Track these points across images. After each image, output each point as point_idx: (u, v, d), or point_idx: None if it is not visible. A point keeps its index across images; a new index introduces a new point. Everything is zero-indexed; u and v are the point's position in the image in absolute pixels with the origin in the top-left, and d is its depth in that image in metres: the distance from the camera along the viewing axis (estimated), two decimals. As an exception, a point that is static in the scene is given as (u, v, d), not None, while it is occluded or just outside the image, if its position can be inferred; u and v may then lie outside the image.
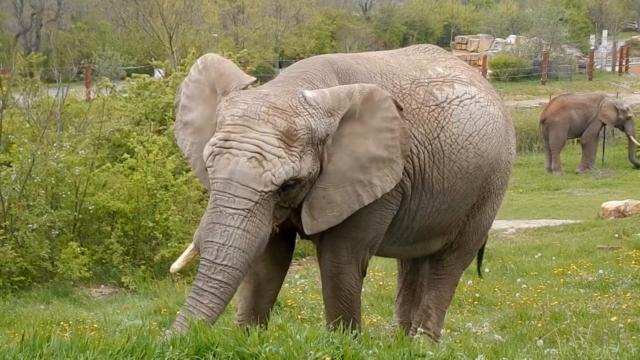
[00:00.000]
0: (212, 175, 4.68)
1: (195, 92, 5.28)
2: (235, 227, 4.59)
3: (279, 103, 4.77)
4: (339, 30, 43.48)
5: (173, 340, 4.04)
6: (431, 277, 6.26)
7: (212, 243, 4.62)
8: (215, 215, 4.63)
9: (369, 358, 3.92)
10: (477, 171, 5.69)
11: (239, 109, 4.75)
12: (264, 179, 4.61)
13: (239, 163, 4.61)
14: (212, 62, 5.21)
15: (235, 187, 4.60)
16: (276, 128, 4.69)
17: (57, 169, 10.04)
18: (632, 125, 20.35)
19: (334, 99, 4.90)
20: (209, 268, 4.60)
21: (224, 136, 4.70)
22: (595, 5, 48.95)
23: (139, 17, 35.48)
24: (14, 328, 7.44)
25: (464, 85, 5.71)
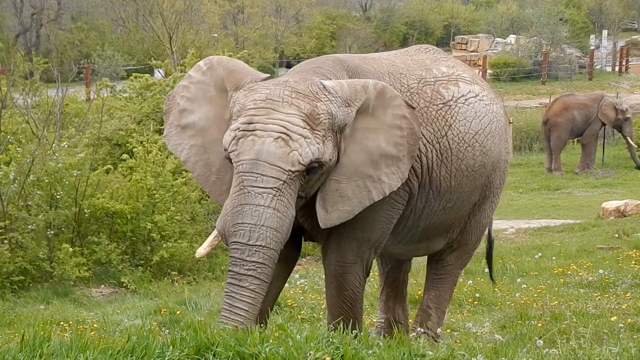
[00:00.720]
0: (237, 157, 4.62)
1: (197, 94, 5.21)
2: (265, 205, 4.53)
3: (301, 88, 4.78)
4: (339, 30, 43.49)
5: (173, 340, 4.04)
6: (431, 277, 6.27)
7: (242, 225, 4.54)
8: (242, 196, 4.55)
9: (369, 358, 3.92)
10: (481, 169, 5.74)
11: (260, 94, 4.74)
12: (291, 158, 4.60)
13: (265, 143, 4.58)
14: (219, 61, 5.19)
15: (263, 167, 4.56)
16: (300, 110, 4.69)
17: (56, 169, 10.03)
18: (629, 126, 20.32)
19: (350, 89, 4.94)
20: (243, 251, 4.54)
21: (247, 119, 4.67)
22: (595, 5, 48.94)
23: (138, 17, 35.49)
24: (14, 328, 7.44)
25: (468, 84, 5.79)
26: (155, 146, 10.96)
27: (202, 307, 8.12)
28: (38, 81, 13.06)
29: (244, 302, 4.49)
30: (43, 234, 9.86)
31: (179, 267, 10.39)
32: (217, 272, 10.52)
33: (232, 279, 4.55)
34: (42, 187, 10.04)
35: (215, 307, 8.13)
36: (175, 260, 10.34)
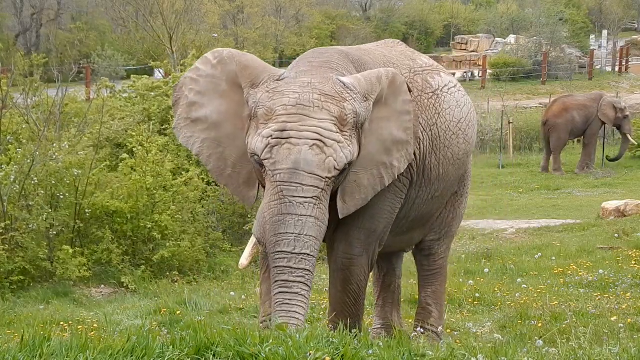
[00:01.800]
0: (273, 166, 4.61)
1: (208, 88, 5.17)
2: (307, 215, 4.56)
3: (327, 89, 4.77)
4: (339, 30, 43.51)
5: (173, 340, 4.04)
6: (424, 273, 6.32)
7: (286, 235, 4.55)
8: (284, 206, 4.57)
9: (369, 358, 3.92)
10: (464, 157, 5.91)
11: (289, 99, 4.70)
12: (327, 165, 4.62)
13: (302, 152, 4.58)
14: (231, 56, 5.13)
15: (302, 176, 4.57)
16: (331, 114, 4.69)
17: (56, 169, 10.03)
18: (629, 124, 20.44)
19: (367, 83, 4.95)
20: (290, 259, 4.55)
21: (280, 127, 4.63)
22: (595, 5, 48.96)
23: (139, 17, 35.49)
24: (13, 328, 7.44)
25: (447, 75, 5.98)
26: (155, 146, 10.96)
27: (202, 307, 8.13)
28: (38, 81, 13.06)
29: (299, 307, 4.55)
30: (43, 234, 9.85)
31: (179, 267, 10.40)
32: (217, 272, 10.52)
33: (282, 287, 4.57)
34: (43, 187, 10.03)
35: (215, 307, 8.14)
36: (176, 259, 10.34)
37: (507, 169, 21.78)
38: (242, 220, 11.59)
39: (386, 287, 6.56)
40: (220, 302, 8.34)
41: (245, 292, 9.01)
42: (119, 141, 12.83)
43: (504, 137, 23.76)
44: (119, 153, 12.28)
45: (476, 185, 19.56)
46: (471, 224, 14.01)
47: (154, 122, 13.21)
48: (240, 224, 11.64)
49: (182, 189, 10.85)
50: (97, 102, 13.46)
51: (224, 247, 11.15)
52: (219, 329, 4.17)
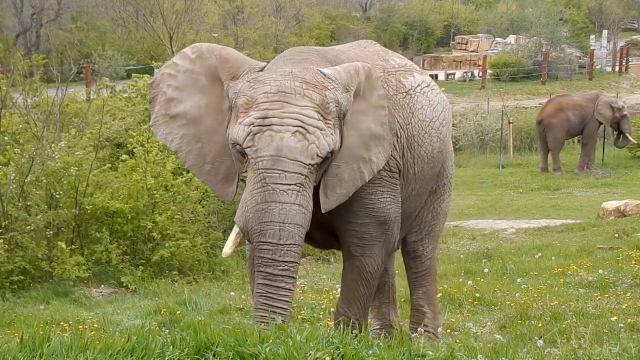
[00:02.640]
0: (255, 154, 4.57)
1: (186, 83, 5.13)
2: (291, 203, 4.52)
3: (308, 78, 4.74)
4: (339, 30, 43.52)
5: (173, 340, 4.04)
6: (413, 275, 6.32)
7: (271, 224, 4.50)
8: (267, 194, 4.51)
9: (369, 358, 3.92)
10: (439, 156, 5.90)
11: (271, 87, 4.67)
12: (310, 151, 4.59)
13: (284, 138, 4.54)
14: (210, 50, 5.10)
15: (285, 163, 4.53)
16: (313, 101, 4.67)
17: (55, 169, 10.03)
18: (627, 123, 20.36)
19: (347, 75, 4.94)
20: (275, 251, 4.51)
21: (262, 114, 4.60)
22: (595, 5, 48.98)
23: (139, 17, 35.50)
24: (13, 328, 7.43)
25: (420, 74, 5.96)
26: (156, 146, 10.95)
27: (202, 307, 8.12)
28: (38, 81, 13.06)
29: (281, 302, 4.53)
30: (42, 234, 9.85)
31: (179, 267, 10.39)
32: (217, 272, 10.52)
33: (266, 279, 4.54)
34: (42, 187, 10.04)
35: (215, 307, 8.13)
36: (176, 259, 10.34)
37: (507, 169, 21.79)
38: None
39: (380, 287, 6.55)
40: (220, 302, 8.33)
41: (245, 292, 9.00)
42: (119, 141, 12.83)
43: (504, 137, 23.77)
44: (119, 153, 12.27)
45: (476, 185, 19.59)
46: (471, 224, 14.01)
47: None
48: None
49: (182, 189, 10.84)
50: (97, 102, 13.46)
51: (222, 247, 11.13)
52: (219, 329, 4.17)
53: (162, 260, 10.18)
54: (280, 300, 4.53)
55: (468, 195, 17.64)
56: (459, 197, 16.21)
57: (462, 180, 19.05)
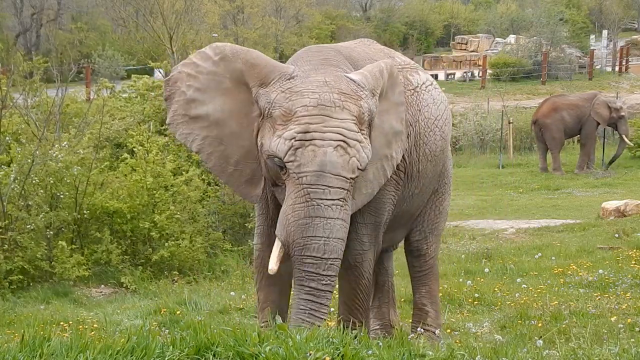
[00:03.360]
0: (298, 169, 4.55)
1: (209, 85, 5.05)
2: (335, 218, 4.53)
3: (344, 88, 4.73)
4: (339, 30, 43.52)
5: (173, 340, 4.04)
6: (417, 274, 6.33)
7: (315, 238, 4.51)
8: (311, 209, 4.51)
9: (368, 358, 3.92)
10: (441, 155, 5.92)
11: (310, 99, 4.63)
12: (351, 165, 4.59)
13: (327, 153, 4.53)
14: (235, 53, 5.01)
15: (329, 178, 4.53)
16: (351, 114, 4.66)
17: (56, 169, 10.03)
18: (624, 125, 20.16)
19: (373, 79, 4.95)
20: (319, 265, 4.52)
21: (303, 128, 4.56)
22: (595, 5, 48.98)
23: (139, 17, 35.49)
24: (14, 328, 7.44)
25: (424, 73, 6.01)
26: (156, 146, 10.95)
27: (202, 307, 8.12)
28: (38, 81, 13.06)
29: (321, 319, 4.56)
30: (42, 234, 9.85)
31: (179, 267, 10.40)
32: (217, 272, 10.52)
33: (309, 295, 4.56)
34: (42, 187, 10.04)
35: (215, 307, 8.13)
36: (176, 259, 10.34)
37: (507, 169, 21.79)
38: (242, 221, 11.59)
39: (380, 287, 6.56)
40: (220, 302, 8.33)
41: (245, 292, 9.01)
42: (119, 141, 12.84)
43: (504, 137, 23.77)
44: (119, 153, 12.28)
45: (476, 185, 19.58)
46: (471, 224, 14.01)
47: (154, 122, 13.21)
48: (240, 224, 11.64)
49: (182, 189, 10.85)
50: (97, 102, 13.46)
51: (224, 247, 11.15)
52: (219, 329, 4.17)
53: (161, 260, 10.18)
54: (320, 318, 4.56)
55: (468, 195, 17.64)
56: (459, 197, 16.21)
57: (462, 180, 19.05)
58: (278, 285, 5.38)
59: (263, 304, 5.43)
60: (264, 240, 5.36)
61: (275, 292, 5.41)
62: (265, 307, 5.41)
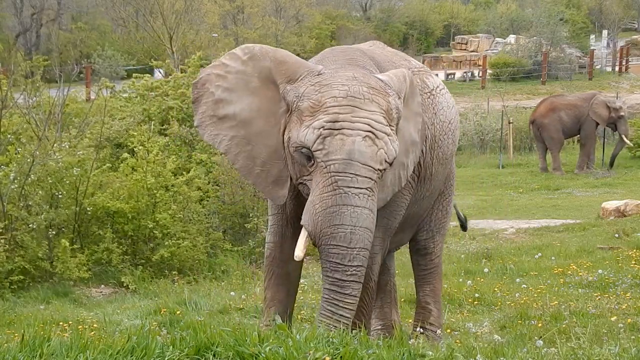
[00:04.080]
0: (326, 157, 4.54)
1: (237, 84, 5.06)
2: (362, 206, 4.51)
3: (372, 83, 4.76)
4: (339, 30, 43.52)
5: (173, 340, 4.04)
6: (421, 273, 6.35)
7: (342, 227, 4.48)
8: (339, 197, 4.49)
9: (368, 358, 3.92)
10: (450, 158, 5.96)
11: (339, 91, 4.65)
12: (379, 156, 4.59)
13: (356, 142, 4.53)
14: (263, 52, 5.04)
15: (357, 167, 4.52)
16: (380, 107, 4.68)
17: (56, 169, 10.03)
18: (624, 125, 20.13)
19: (398, 82, 4.98)
20: (345, 256, 4.50)
21: (332, 117, 4.57)
22: (595, 5, 48.97)
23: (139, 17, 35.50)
24: (14, 328, 7.43)
25: (436, 77, 6.03)
26: (156, 146, 10.96)
27: (202, 307, 8.12)
28: (39, 81, 13.05)
29: (346, 310, 4.53)
30: (43, 234, 9.85)
31: (179, 267, 10.39)
32: (217, 272, 10.52)
33: (333, 285, 4.54)
34: (42, 187, 10.04)
35: (215, 307, 8.13)
36: (176, 259, 10.34)
37: (507, 169, 21.79)
38: (242, 221, 11.60)
39: (382, 287, 6.56)
40: (220, 302, 8.33)
41: (245, 292, 9.01)
42: (119, 141, 12.84)
43: (504, 137, 23.77)
44: (119, 153, 12.28)
45: (476, 185, 19.58)
46: (471, 224, 13.98)
47: (154, 122, 13.22)
48: (240, 224, 11.64)
49: (182, 189, 10.85)
50: (98, 102, 13.46)
51: (224, 247, 11.15)
52: (219, 329, 4.17)
53: (162, 260, 10.18)
54: (345, 308, 4.53)
55: (468, 195, 17.64)
56: (459, 197, 16.18)
57: (462, 180, 19.04)
58: (286, 285, 5.40)
59: (269, 303, 5.43)
60: (277, 239, 5.37)
61: (282, 292, 5.42)
62: (272, 306, 5.42)
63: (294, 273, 5.47)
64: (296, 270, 5.49)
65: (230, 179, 11.72)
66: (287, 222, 5.29)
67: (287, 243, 5.31)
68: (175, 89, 13.90)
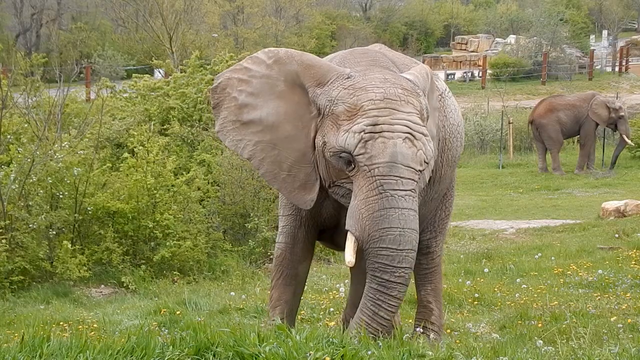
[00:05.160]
0: (369, 161, 4.56)
1: (262, 89, 5.04)
2: (409, 208, 4.56)
3: (404, 84, 4.79)
4: (339, 30, 43.54)
5: (173, 340, 4.04)
6: (423, 272, 6.35)
7: (391, 229, 4.51)
8: (386, 200, 4.53)
9: (368, 358, 3.92)
10: (456, 160, 5.96)
11: (375, 93, 4.67)
12: (419, 157, 4.63)
13: (397, 145, 4.57)
14: (289, 56, 5.03)
15: (400, 169, 4.56)
16: (415, 108, 4.72)
17: (57, 169, 10.03)
18: (624, 124, 20.11)
19: (423, 80, 5.02)
20: (394, 257, 4.52)
21: (372, 121, 4.59)
22: (595, 6, 49.00)
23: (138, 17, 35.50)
24: (13, 328, 7.43)
25: (441, 81, 6.04)
26: (156, 146, 10.95)
27: (202, 307, 8.12)
28: (39, 80, 13.04)
29: (388, 311, 4.56)
30: (43, 234, 9.85)
31: (180, 267, 10.39)
32: (217, 272, 10.52)
33: (380, 286, 4.55)
34: (43, 187, 10.04)
35: (215, 307, 8.13)
36: (177, 259, 10.33)
37: (507, 169, 21.79)
38: (242, 221, 11.60)
39: None
40: (220, 302, 8.33)
41: (245, 292, 9.01)
42: (119, 141, 12.84)
43: (504, 137, 23.78)
44: (119, 153, 12.28)
45: (476, 185, 19.59)
46: (471, 224, 14.01)
47: (155, 122, 13.22)
48: (240, 224, 11.64)
49: (182, 189, 10.85)
50: (98, 102, 13.46)
51: (225, 247, 11.15)
52: (219, 329, 4.17)
53: (162, 260, 10.17)
54: (387, 310, 4.56)
55: (468, 195, 17.64)
56: (459, 197, 16.18)
57: (462, 180, 19.05)
58: (293, 285, 5.42)
59: (275, 302, 5.44)
60: (289, 240, 5.38)
61: (289, 292, 5.43)
62: (277, 305, 5.43)
63: (302, 274, 5.49)
64: (304, 272, 5.51)
65: (230, 179, 11.72)
66: (300, 224, 5.31)
67: (298, 245, 5.36)
68: (175, 89, 13.92)
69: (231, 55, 15.37)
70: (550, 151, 20.51)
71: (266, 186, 11.61)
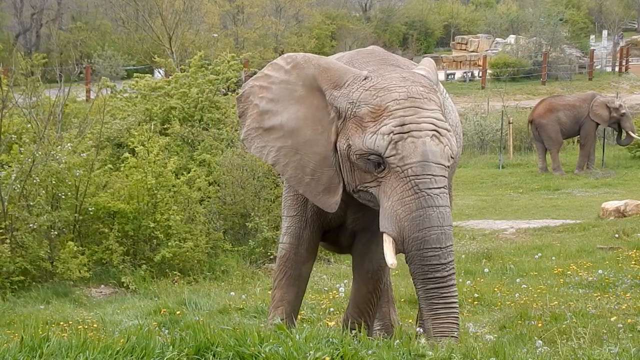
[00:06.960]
0: (402, 162, 4.58)
1: (282, 94, 5.07)
2: (445, 205, 4.62)
3: (422, 82, 4.82)
4: (339, 30, 43.53)
5: (173, 340, 4.04)
6: None
7: (433, 229, 4.56)
8: (423, 199, 4.56)
9: (368, 358, 3.92)
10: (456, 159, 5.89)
11: (399, 93, 4.69)
12: (446, 153, 4.68)
13: (427, 143, 4.60)
14: (307, 60, 5.05)
15: (433, 167, 4.60)
16: (437, 104, 4.76)
17: (58, 169, 10.03)
18: (628, 121, 20.11)
19: (433, 74, 5.05)
20: (440, 256, 4.59)
21: (399, 121, 4.62)
22: (595, 6, 49.01)
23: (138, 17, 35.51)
24: (13, 328, 7.43)
25: None
26: (157, 146, 10.95)
27: (202, 307, 8.12)
28: (39, 80, 13.03)
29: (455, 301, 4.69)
30: (44, 234, 9.85)
31: (180, 267, 10.39)
32: (217, 273, 10.52)
33: (437, 283, 4.62)
34: (44, 187, 10.03)
35: (215, 307, 8.13)
36: (177, 259, 10.33)
37: (507, 169, 21.80)
38: (242, 221, 11.60)
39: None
40: (220, 302, 8.33)
41: (245, 292, 9.01)
42: (119, 141, 12.84)
43: (504, 137, 23.78)
44: (119, 153, 12.28)
45: (476, 185, 19.59)
46: (471, 224, 14.01)
47: (155, 122, 13.22)
48: (241, 224, 11.64)
49: (183, 189, 10.84)
50: (98, 102, 13.45)
51: (225, 247, 11.15)
52: (219, 329, 4.17)
53: (163, 260, 10.17)
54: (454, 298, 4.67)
55: (468, 195, 17.64)
56: (459, 197, 16.21)
57: (462, 180, 19.05)
58: (296, 286, 5.43)
59: (278, 303, 5.44)
60: (294, 241, 5.38)
61: (292, 293, 5.43)
62: (279, 306, 5.43)
63: (305, 275, 5.49)
64: (307, 273, 5.52)
65: (231, 179, 11.72)
66: (305, 225, 5.31)
67: (303, 245, 5.37)
68: (177, 89, 13.91)
69: (232, 55, 15.37)
70: (550, 151, 20.51)
71: (267, 186, 11.62)
